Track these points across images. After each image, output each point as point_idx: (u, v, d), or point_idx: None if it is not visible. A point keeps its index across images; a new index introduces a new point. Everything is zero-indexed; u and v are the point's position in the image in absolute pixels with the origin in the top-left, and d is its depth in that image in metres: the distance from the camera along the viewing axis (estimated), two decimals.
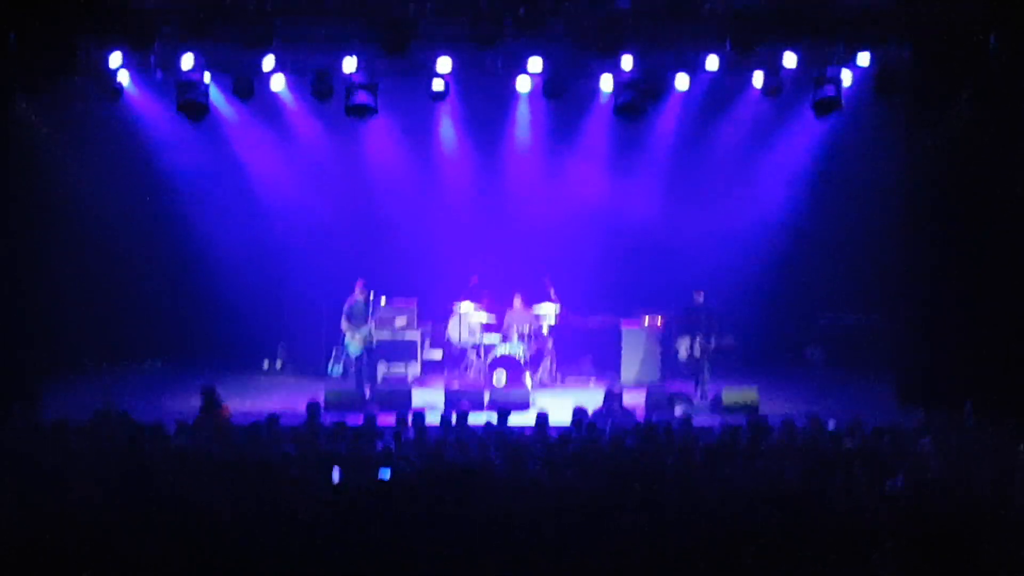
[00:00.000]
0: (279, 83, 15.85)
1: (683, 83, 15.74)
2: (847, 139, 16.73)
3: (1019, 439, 10.72)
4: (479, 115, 17.45)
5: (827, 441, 11.60)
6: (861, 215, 17.17)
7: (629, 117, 15.33)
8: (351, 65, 14.88)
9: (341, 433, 11.73)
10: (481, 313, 17.27)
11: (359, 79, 14.80)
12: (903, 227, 15.71)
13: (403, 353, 17.75)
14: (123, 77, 15.24)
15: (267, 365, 18.76)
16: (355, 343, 16.08)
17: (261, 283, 18.66)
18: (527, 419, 13.36)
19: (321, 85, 14.92)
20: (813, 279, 18.60)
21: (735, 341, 17.30)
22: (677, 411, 13.44)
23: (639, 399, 15.03)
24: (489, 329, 17.32)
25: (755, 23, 13.87)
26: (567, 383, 17.29)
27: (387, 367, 17.36)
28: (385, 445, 11.13)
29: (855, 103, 15.23)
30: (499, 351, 16.66)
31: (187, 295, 18.41)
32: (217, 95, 15.79)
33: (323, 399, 14.62)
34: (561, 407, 13.90)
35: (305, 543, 7.93)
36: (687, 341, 16.28)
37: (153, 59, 14.97)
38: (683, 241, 17.94)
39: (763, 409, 14.37)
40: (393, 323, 17.27)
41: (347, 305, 16.13)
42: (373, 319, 16.18)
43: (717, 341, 16.22)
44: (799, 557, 7.55)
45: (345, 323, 16.12)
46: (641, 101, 14.99)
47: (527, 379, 16.50)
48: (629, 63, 14.91)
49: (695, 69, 15.44)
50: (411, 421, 12.48)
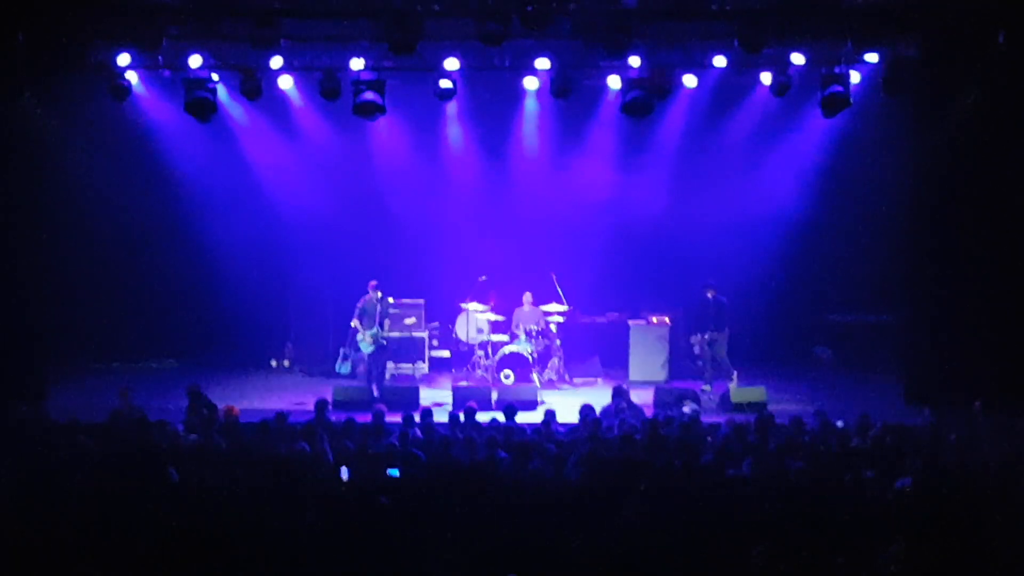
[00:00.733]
0: (287, 82, 15.87)
1: (691, 81, 15.72)
2: (855, 137, 16.67)
3: None
4: (487, 114, 17.43)
5: (835, 439, 11.60)
6: (870, 213, 17.12)
7: (637, 115, 15.30)
8: (359, 64, 14.89)
9: (350, 431, 11.76)
10: (488, 312, 17.27)
11: (367, 78, 14.81)
12: (912, 226, 15.67)
13: (411, 352, 17.77)
14: (131, 76, 15.26)
15: (275, 364, 18.78)
16: (366, 342, 16.13)
17: (269, 282, 18.69)
18: (535, 417, 13.37)
19: (329, 84, 14.92)
20: (821, 278, 18.56)
21: (743, 334, 17.28)
22: (685, 409, 13.41)
23: (647, 397, 15.02)
24: (497, 328, 17.33)
25: (763, 21, 13.85)
26: (575, 381, 17.28)
27: (395, 366, 17.37)
28: (393, 443, 11.15)
29: (864, 101, 15.20)
30: (507, 349, 16.66)
31: (194, 294, 18.40)
32: (225, 94, 15.80)
33: (331, 397, 14.62)
34: (569, 405, 13.89)
35: (314, 540, 7.95)
36: (699, 337, 16.49)
37: (161, 58, 15.01)
38: (691, 240, 17.91)
39: (771, 407, 14.33)
40: (401, 322, 17.29)
41: (360, 304, 16.18)
42: (387, 319, 16.20)
43: (729, 336, 16.33)
44: (807, 554, 7.55)
45: (356, 322, 16.17)
46: (649, 99, 14.96)
47: (535, 377, 16.50)
48: (637, 61, 14.89)
49: (703, 67, 15.42)
50: (419, 419, 12.50)
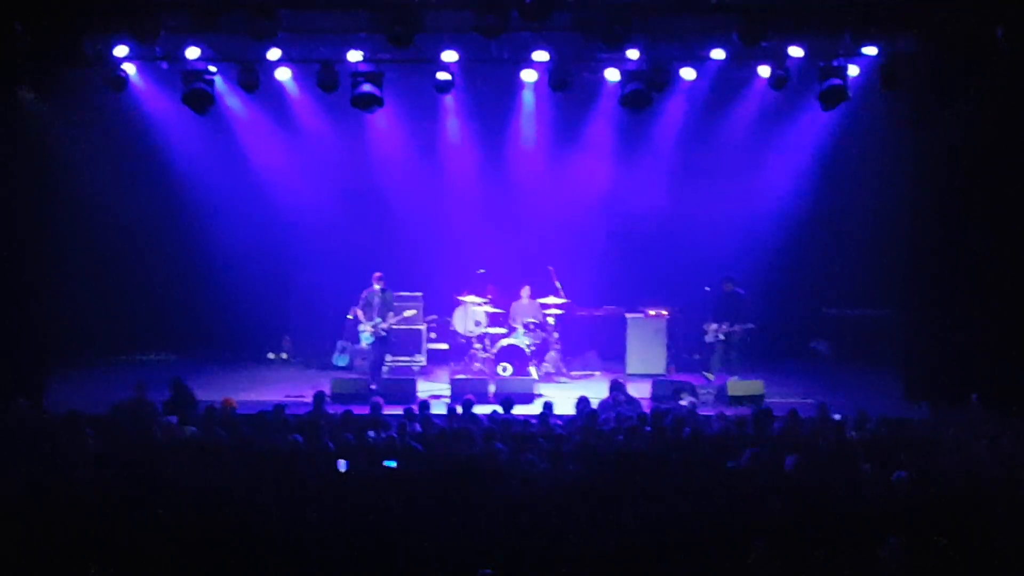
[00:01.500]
0: (285, 74, 15.85)
1: (689, 75, 15.71)
2: (854, 131, 16.67)
3: None
4: (485, 106, 17.42)
5: (833, 432, 11.61)
6: (868, 208, 17.12)
7: (635, 108, 15.27)
8: (357, 56, 14.87)
9: (347, 423, 11.77)
10: (486, 305, 17.27)
11: (365, 70, 14.78)
12: (910, 220, 15.66)
13: (409, 344, 17.77)
14: (129, 68, 15.23)
15: (273, 356, 18.78)
16: (367, 334, 16.14)
17: (266, 274, 18.69)
18: (532, 410, 13.38)
19: (327, 76, 14.89)
20: (820, 272, 18.57)
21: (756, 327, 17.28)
22: (683, 402, 13.43)
23: (645, 390, 15.03)
24: (495, 321, 17.33)
25: (761, 15, 13.82)
26: (572, 374, 17.27)
27: (392, 358, 17.38)
28: (391, 435, 11.15)
29: (862, 95, 15.17)
30: (505, 342, 16.66)
31: (192, 287, 18.39)
32: (223, 86, 15.76)
33: (329, 390, 14.63)
34: (566, 398, 13.90)
35: (311, 531, 7.95)
36: (714, 326, 16.49)
37: (159, 50, 14.97)
38: (689, 233, 17.92)
39: (769, 401, 14.35)
40: (400, 314, 17.30)
41: (363, 295, 16.20)
42: (390, 311, 16.19)
43: (742, 328, 16.36)
44: (804, 547, 7.55)
45: (360, 312, 16.18)
46: (647, 93, 14.94)
47: (532, 370, 16.50)
48: (635, 54, 14.89)
49: (701, 61, 15.42)
50: (417, 412, 12.50)
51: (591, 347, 18.06)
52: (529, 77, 15.95)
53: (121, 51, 14.88)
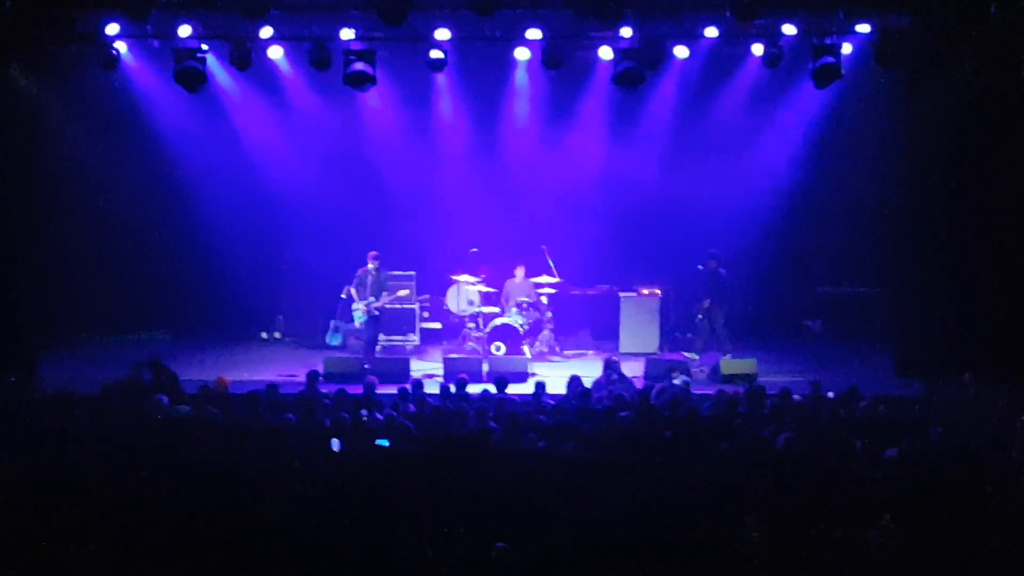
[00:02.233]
0: (277, 52, 15.79)
1: (683, 53, 15.69)
2: (847, 109, 16.66)
3: (1017, 409, 10.76)
4: (478, 85, 17.34)
5: (825, 410, 11.65)
6: (861, 185, 17.09)
7: (628, 87, 15.24)
8: (349, 34, 14.82)
9: (341, 402, 11.77)
10: (479, 284, 17.26)
11: (357, 48, 14.72)
12: (903, 198, 15.66)
13: (402, 324, 17.75)
14: (120, 46, 15.16)
15: (265, 336, 18.76)
16: (360, 312, 16.14)
17: (259, 253, 18.65)
18: (525, 389, 13.39)
19: (319, 54, 14.83)
20: (812, 250, 18.56)
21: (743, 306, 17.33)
22: (676, 381, 13.45)
23: (638, 369, 15.05)
24: (488, 300, 17.32)
25: None
26: (566, 353, 17.29)
27: (385, 338, 17.36)
28: (384, 414, 11.16)
29: (855, 72, 15.16)
30: (498, 321, 16.65)
31: (184, 266, 18.31)
32: (215, 64, 15.69)
33: (322, 369, 14.63)
34: (559, 377, 13.91)
35: (304, 512, 7.95)
36: (700, 304, 16.69)
37: (150, 28, 14.91)
38: (682, 211, 17.86)
39: (761, 379, 14.38)
40: (394, 294, 17.28)
41: (357, 274, 16.18)
42: (384, 291, 16.17)
43: (727, 307, 16.46)
44: (797, 524, 7.57)
45: (353, 290, 16.16)
46: (640, 71, 14.90)
47: (526, 349, 16.50)
48: (628, 32, 14.85)
49: (695, 38, 15.38)
50: (410, 391, 12.50)
51: (584, 326, 18.06)
52: (522, 55, 15.90)
53: (112, 29, 14.83)
